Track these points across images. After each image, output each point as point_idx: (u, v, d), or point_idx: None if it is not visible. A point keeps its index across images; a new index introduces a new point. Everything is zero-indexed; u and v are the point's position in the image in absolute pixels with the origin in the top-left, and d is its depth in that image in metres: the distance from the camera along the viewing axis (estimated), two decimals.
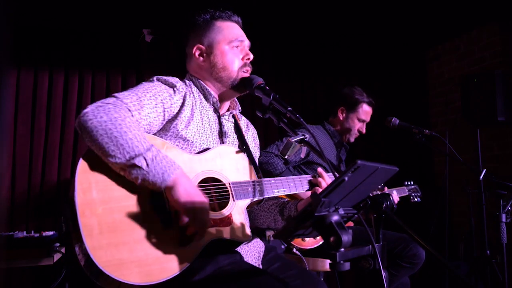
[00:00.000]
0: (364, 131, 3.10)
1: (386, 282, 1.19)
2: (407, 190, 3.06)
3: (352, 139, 3.12)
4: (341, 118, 3.08)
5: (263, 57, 4.32)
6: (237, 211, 1.53)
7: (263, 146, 2.16)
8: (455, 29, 4.32)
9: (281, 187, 1.66)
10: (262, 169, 2.00)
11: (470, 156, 3.69)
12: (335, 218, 1.12)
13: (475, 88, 3.42)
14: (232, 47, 1.67)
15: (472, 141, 3.44)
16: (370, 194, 1.29)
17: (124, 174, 1.34)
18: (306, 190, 1.74)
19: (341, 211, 1.18)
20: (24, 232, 2.83)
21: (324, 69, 4.56)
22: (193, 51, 1.70)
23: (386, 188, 2.87)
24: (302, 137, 1.49)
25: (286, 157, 1.51)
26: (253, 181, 1.61)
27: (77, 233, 1.26)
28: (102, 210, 1.30)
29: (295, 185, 1.69)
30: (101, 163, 1.35)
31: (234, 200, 1.53)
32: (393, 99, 4.57)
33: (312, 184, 1.73)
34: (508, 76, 3.44)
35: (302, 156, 1.76)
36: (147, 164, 1.31)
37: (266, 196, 1.62)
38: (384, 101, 4.38)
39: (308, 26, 4.13)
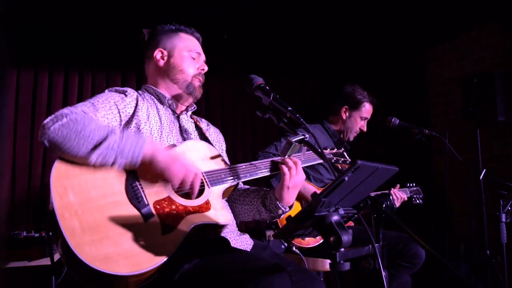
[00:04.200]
0: (365, 129, 3.10)
1: (386, 282, 1.19)
2: (408, 192, 3.05)
3: (351, 138, 3.11)
4: (344, 117, 3.07)
5: (264, 57, 4.32)
6: (213, 196, 1.58)
7: (262, 146, 2.15)
8: (455, 29, 4.32)
9: (253, 170, 1.69)
10: None
11: (470, 156, 3.69)
12: (335, 218, 1.12)
13: (475, 88, 3.42)
14: (190, 56, 1.84)
15: (472, 141, 3.45)
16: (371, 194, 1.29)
17: (100, 163, 1.38)
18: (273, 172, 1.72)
19: (341, 211, 1.18)
20: (24, 232, 2.83)
21: (324, 69, 4.56)
22: (154, 54, 1.86)
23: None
24: (302, 137, 1.50)
25: (286, 157, 1.51)
26: (225, 168, 1.66)
27: (60, 237, 1.27)
28: (81, 211, 1.31)
29: (268, 168, 1.71)
30: (74, 168, 1.38)
31: (209, 187, 1.58)
32: (393, 99, 4.56)
33: (275, 165, 1.71)
34: (508, 76, 3.44)
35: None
36: (118, 144, 1.38)
37: (240, 180, 1.67)
38: (384, 101, 4.36)
39: (308, 26, 4.14)
